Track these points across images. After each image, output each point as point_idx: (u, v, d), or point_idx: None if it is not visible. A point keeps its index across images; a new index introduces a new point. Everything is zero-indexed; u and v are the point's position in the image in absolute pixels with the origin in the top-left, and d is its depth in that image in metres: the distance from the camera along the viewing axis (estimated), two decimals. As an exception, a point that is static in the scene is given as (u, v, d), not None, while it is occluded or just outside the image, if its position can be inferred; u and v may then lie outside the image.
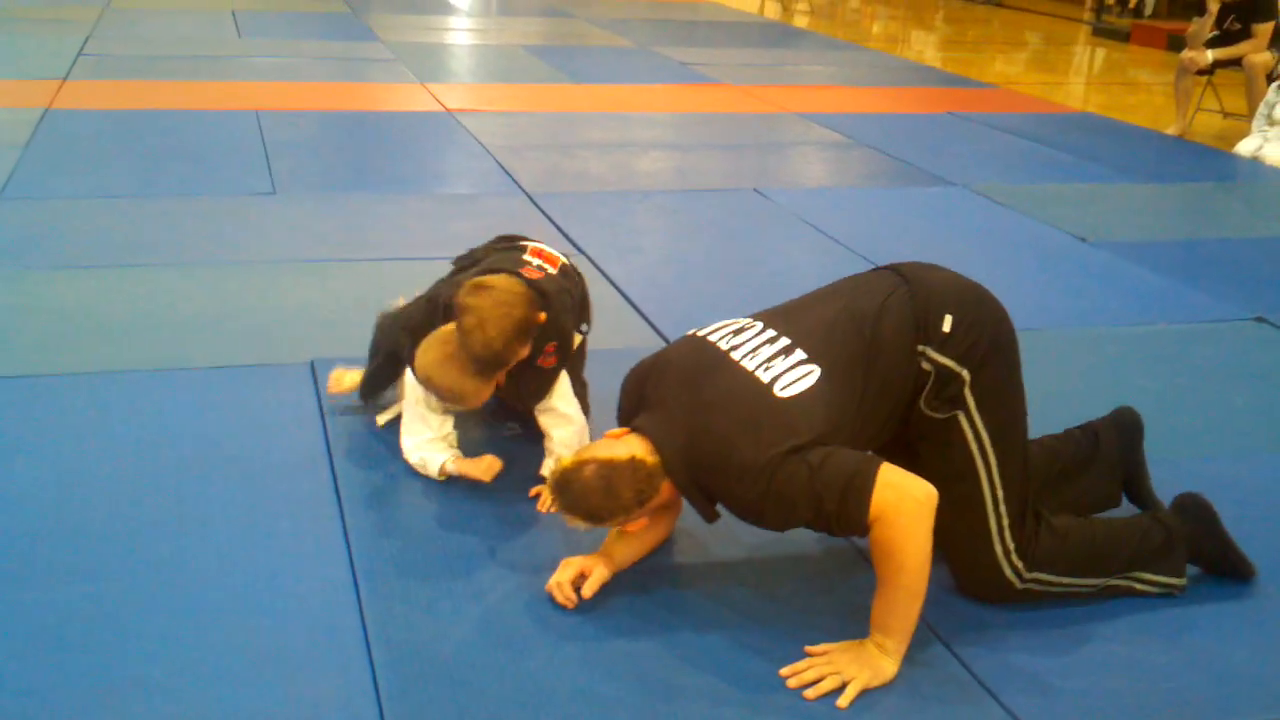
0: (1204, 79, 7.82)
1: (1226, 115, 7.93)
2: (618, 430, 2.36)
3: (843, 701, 2.14)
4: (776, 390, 2.23)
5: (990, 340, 2.36)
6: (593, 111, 7.27)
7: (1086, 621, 2.42)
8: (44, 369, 3.33)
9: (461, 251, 3.11)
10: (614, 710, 2.09)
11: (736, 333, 2.38)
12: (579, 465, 2.25)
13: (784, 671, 2.21)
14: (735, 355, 2.32)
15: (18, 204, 4.79)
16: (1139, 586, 2.48)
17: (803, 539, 2.65)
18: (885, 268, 2.52)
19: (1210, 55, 7.49)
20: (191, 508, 2.67)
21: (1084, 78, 10.86)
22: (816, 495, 2.14)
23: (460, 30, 10.72)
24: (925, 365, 2.32)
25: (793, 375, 2.25)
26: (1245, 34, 7.41)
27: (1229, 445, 3.24)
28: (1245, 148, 6.99)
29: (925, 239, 4.94)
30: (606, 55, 9.49)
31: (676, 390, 2.32)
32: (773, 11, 14.10)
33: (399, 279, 4.15)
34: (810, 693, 2.16)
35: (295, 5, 11.11)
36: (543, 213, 5.03)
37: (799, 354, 2.29)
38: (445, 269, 3.09)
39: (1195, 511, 2.55)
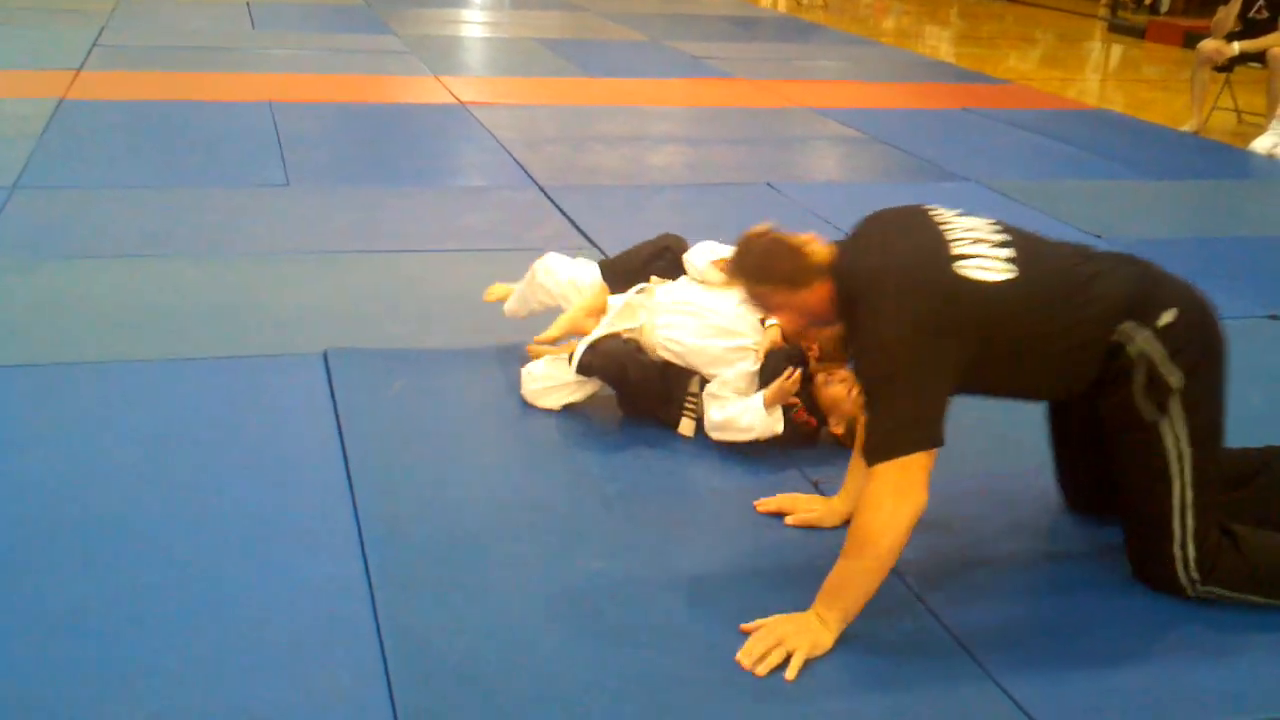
0: (1222, 76, 7.75)
1: (1242, 119, 7.87)
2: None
3: (790, 674, 2.17)
4: (957, 265, 2.26)
5: (1205, 348, 2.38)
6: (606, 105, 7.26)
7: (1096, 615, 2.41)
8: (58, 358, 3.34)
9: (475, 243, 3.10)
10: (623, 703, 2.10)
11: (961, 216, 2.42)
12: (763, 231, 2.40)
13: (738, 657, 2.21)
14: (943, 227, 2.36)
15: (33, 194, 4.80)
16: None
17: (819, 540, 2.65)
18: (1124, 254, 2.51)
19: (1237, 46, 7.36)
20: (204, 497, 2.68)
21: (1099, 74, 10.82)
22: (880, 394, 2.23)
23: (474, 23, 10.73)
24: (1129, 348, 2.30)
25: (986, 263, 2.28)
26: (1272, 25, 7.30)
27: (1246, 443, 3.21)
28: (1261, 145, 6.95)
29: (938, 234, 4.93)
30: (620, 49, 9.48)
31: (875, 230, 2.44)
32: (786, 5, 14.07)
33: (411, 271, 4.17)
34: (761, 669, 2.17)
35: (309, -3, 11.14)
36: (555, 206, 5.03)
37: (1007, 252, 2.31)
38: (457, 260, 3.09)
39: None
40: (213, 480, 2.75)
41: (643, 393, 3.10)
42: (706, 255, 3.23)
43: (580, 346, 3.09)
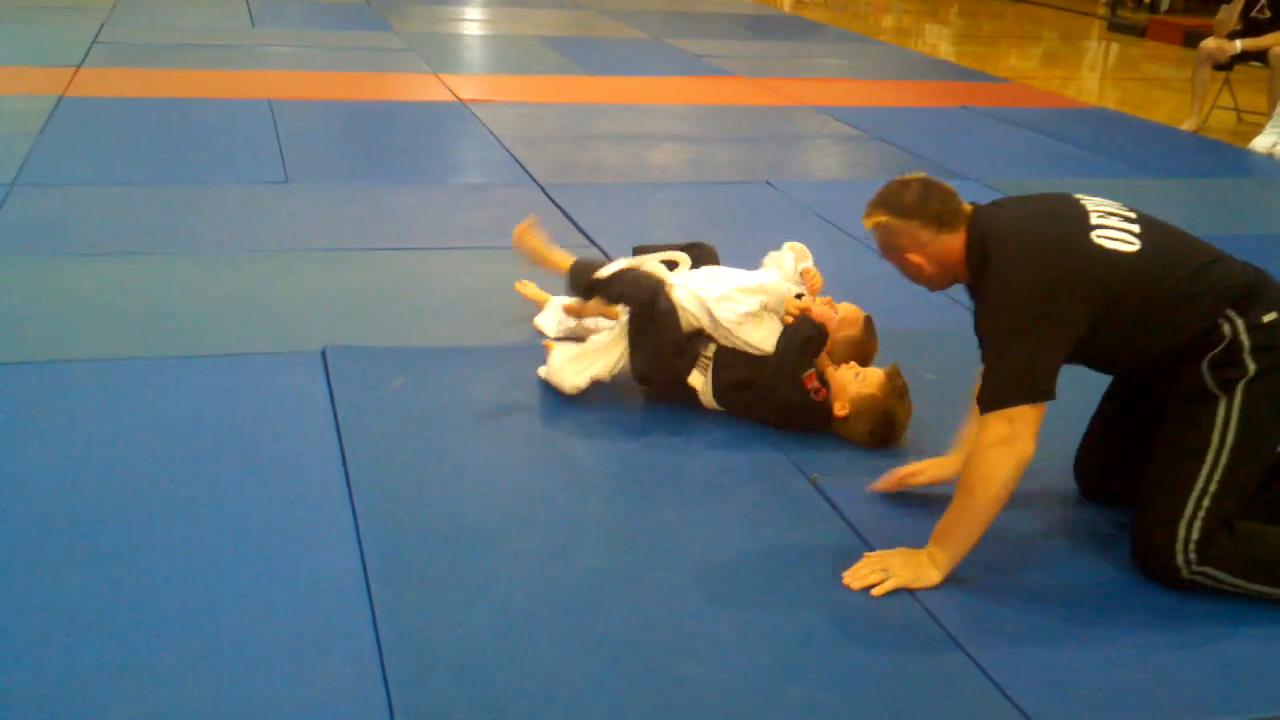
0: (1222, 74, 7.75)
1: (1241, 118, 7.87)
2: None
3: (877, 591, 2.40)
4: (1094, 234, 2.43)
5: None
6: (606, 103, 7.26)
7: (1093, 615, 2.41)
8: (57, 355, 3.34)
9: (474, 241, 3.12)
10: (623, 701, 2.10)
11: (1094, 197, 2.59)
12: (919, 175, 2.56)
13: (845, 575, 2.44)
14: (1081, 199, 2.55)
15: (32, 191, 4.80)
16: None
17: (819, 539, 2.65)
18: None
19: (1239, 44, 7.36)
20: (203, 495, 2.68)
21: (1099, 72, 10.81)
22: (999, 348, 2.37)
23: (474, 21, 10.72)
24: (1225, 329, 2.40)
25: (1117, 234, 2.45)
26: (1274, 24, 7.28)
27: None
28: (1261, 144, 6.95)
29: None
30: (620, 47, 9.48)
31: (1015, 199, 2.65)
32: (789, 4, 14.06)
33: (411, 268, 4.17)
34: (856, 584, 2.41)
35: (309, -5, 11.14)
36: (555, 204, 5.03)
37: (1135, 227, 2.48)
38: (456, 258, 3.10)
39: None
40: (211, 477, 2.75)
41: (663, 330, 3.11)
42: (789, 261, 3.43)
43: (609, 267, 3.17)
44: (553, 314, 3.59)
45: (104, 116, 6.10)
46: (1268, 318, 2.43)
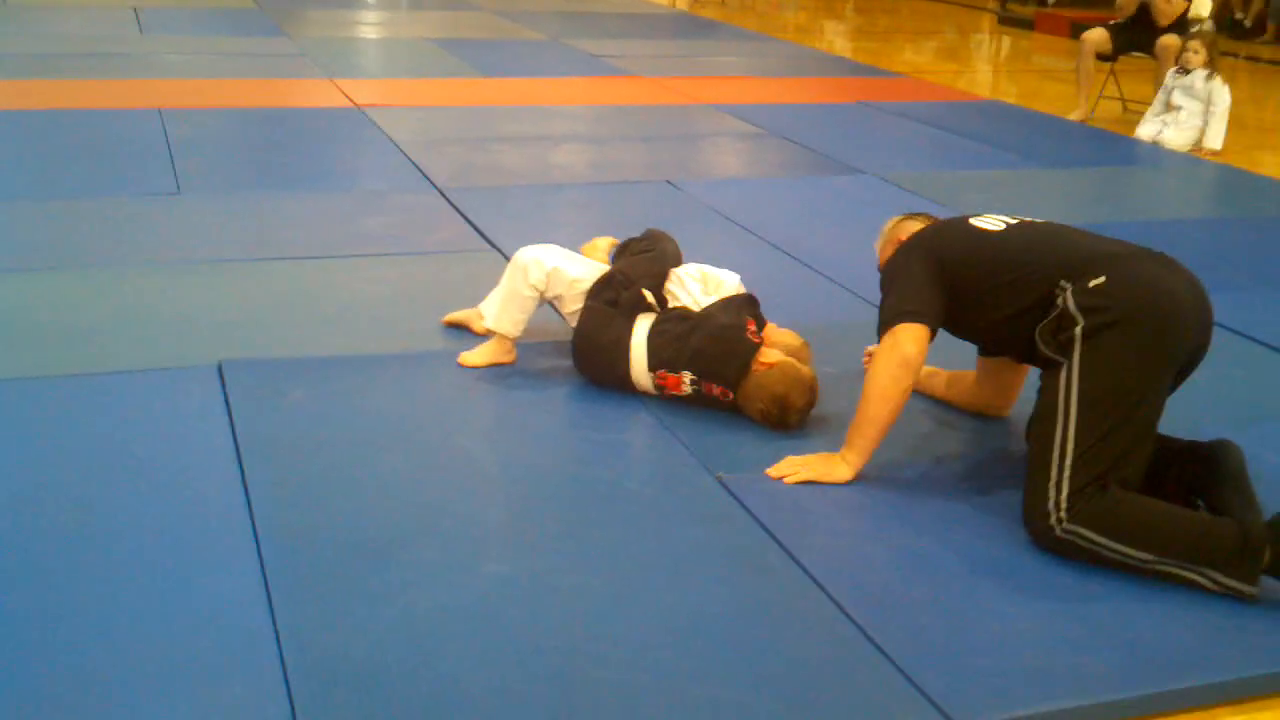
0: (1107, 65, 7.96)
1: (1127, 107, 8.07)
2: None
3: (789, 480, 2.82)
4: (969, 219, 2.97)
5: (1129, 315, 2.60)
6: (504, 105, 7.23)
7: (995, 598, 2.45)
8: (-61, 378, 3.23)
9: (373, 249, 3.08)
10: (530, 707, 2.08)
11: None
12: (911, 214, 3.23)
13: (767, 470, 2.85)
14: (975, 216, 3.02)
15: (-90, 209, 4.65)
16: (1204, 582, 2.47)
17: (722, 536, 2.66)
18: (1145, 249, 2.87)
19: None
20: (96, 517, 2.61)
21: (990, 65, 11.03)
22: (885, 293, 2.88)
23: (369, 25, 10.60)
24: (1059, 299, 2.67)
25: (991, 221, 2.93)
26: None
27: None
28: (1145, 132, 7.14)
29: (836, 227, 4.99)
30: (517, 48, 9.44)
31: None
32: (684, 2, 14.12)
33: (308, 278, 4.11)
34: (773, 473, 2.85)
35: (200, 1, 10.92)
36: (455, 208, 4.99)
37: (1011, 220, 2.95)
38: (354, 266, 3.06)
39: None
40: (105, 500, 2.68)
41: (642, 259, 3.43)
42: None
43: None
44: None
45: (-15, 130, 5.93)
46: (1095, 282, 2.65)
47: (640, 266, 3.38)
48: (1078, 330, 2.62)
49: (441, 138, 6.27)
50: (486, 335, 3.41)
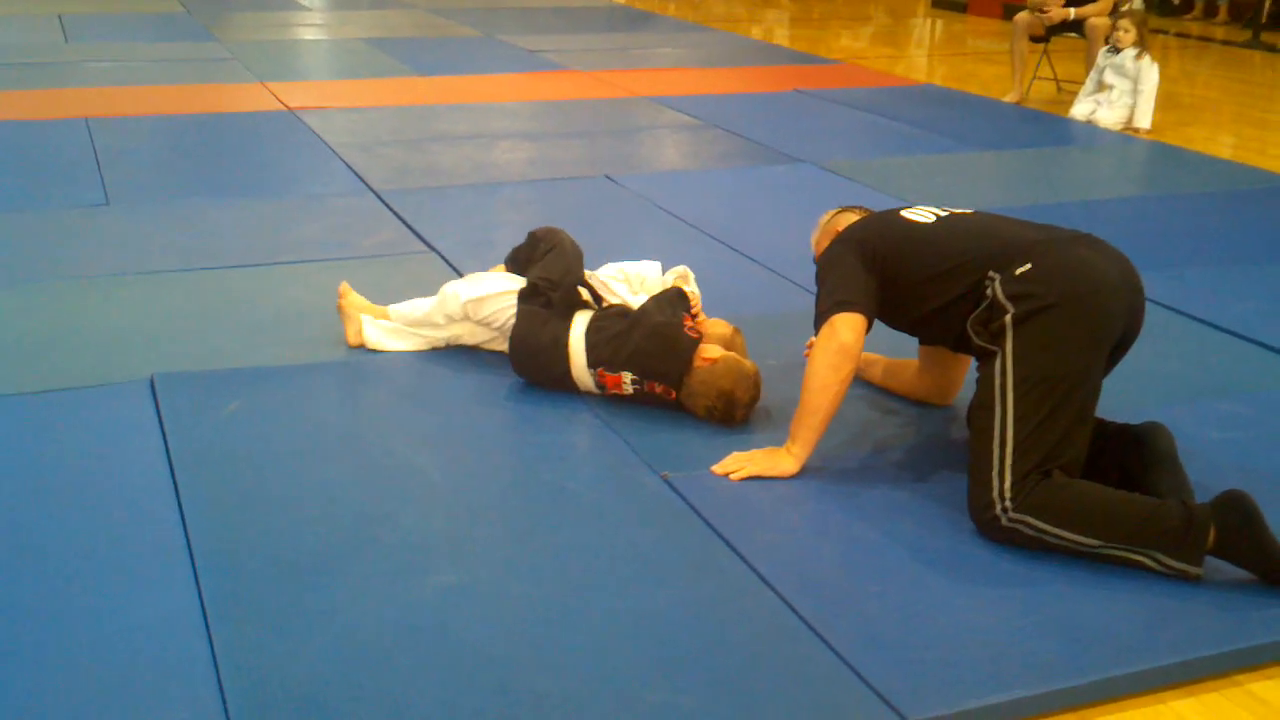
0: (1040, 46, 8.02)
1: (1061, 87, 8.13)
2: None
3: (735, 477, 2.80)
4: (901, 211, 2.97)
5: (1057, 299, 2.61)
6: (440, 104, 7.15)
7: (943, 590, 2.45)
8: None
9: (309, 254, 3.03)
10: (477, 720, 2.05)
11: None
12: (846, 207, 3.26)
13: (713, 467, 2.84)
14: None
15: None
16: (1150, 564, 2.48)
17: (669, 537, 2.64)
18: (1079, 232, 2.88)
19: (1072, 12, 7.60)
20: (27, 538, 2.54)
21: (925, 50, 11.07)
22: (820, 286, 2.89)
23: (299, 26, 10.46)
24: (988, 289, 2.70)
25: (922, 214, 2.94)
26: None
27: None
28: (1079, 111, 7.19)
29: (775, 217, 4.98)
30: (451, 45, 9.36)
31: None
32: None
33: (241, 287, 4.03)
34: (719, 471, 2.83)
35: (127, 6, 10.73)
36: (392, 211, 4.93)
37: (942, 212, 2.94)
38: (290, 273, 3.01)
39: (1234, 508, 2.45)
40: (36, 521, 2.61)
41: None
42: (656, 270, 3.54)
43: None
44: (375, 327, 3.53)
45: (-95, 145, 5.78)
46: (1021, 269, 2.67)
47: (556, 266, 3.34)
48: (1008, 319, 2.64)
49: (376, 139, 6.19)
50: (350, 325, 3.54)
